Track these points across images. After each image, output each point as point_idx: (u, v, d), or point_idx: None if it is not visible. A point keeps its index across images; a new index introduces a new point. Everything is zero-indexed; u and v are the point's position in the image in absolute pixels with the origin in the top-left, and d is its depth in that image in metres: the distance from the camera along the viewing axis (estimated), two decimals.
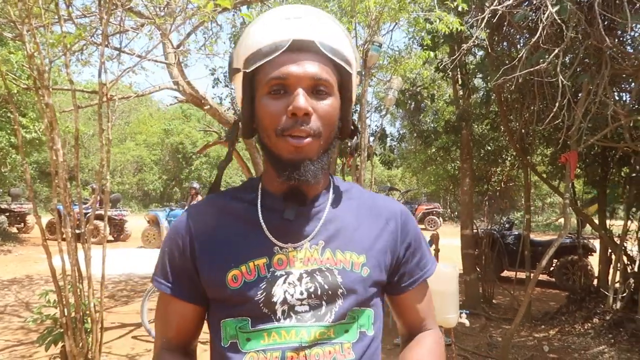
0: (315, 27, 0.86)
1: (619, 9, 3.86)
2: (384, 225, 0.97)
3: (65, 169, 2.88)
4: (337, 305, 0.88)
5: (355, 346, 0.89)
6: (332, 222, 0.93)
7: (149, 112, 32.88)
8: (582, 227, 7.40)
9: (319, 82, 0.84)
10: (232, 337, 0.88)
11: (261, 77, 0.86)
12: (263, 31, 0.87)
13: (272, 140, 0.86)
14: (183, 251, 0.92)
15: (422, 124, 9.95)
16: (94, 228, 10.20)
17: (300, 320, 0.86)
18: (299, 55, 0.84)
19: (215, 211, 0.95)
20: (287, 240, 0.90)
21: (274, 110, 0.84)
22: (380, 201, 1.02)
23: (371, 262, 0.93)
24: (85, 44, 3.72)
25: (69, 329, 2.96)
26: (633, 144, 4.73)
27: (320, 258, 0.90)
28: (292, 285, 0.87)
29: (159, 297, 0.97)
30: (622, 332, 4.88)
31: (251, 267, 0.88)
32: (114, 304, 6.41)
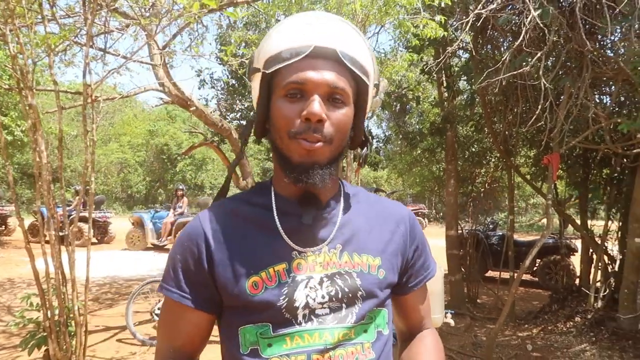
0: (337, 35, 0.87)
1: (600, 14, 3.94)
2: (394, 228, 1.00)
3: (49, 170, 2.85)
4: (357, 307, 0.90)
5: (374, 345, 0.92)
6: (346, 225, 0.95)
7: (134, 113, 32.57)
8: (564, 227, 7.53)
9: (335, 91, 0.85)
10: (253, 343, 0.87)
11: (279, 80, 0.87)
12: (286, 35, 0.88)
13: (284, 141, 0.87)
14: (199, 259, 0.89)
15: (408, 126, 10.02)
16: (77, 230, 10.02)
17: (322, 322, 0.88)
18: (319, 62, 0.85)
19: (229, 217, 0.93)
20: (305, 245, 0.91)
21: (288, 113, 0.85)
22: (388, 205, 1.05)
23: (386, 264, 0.95)
24: (69, 45, 3.68)
25: (52, 333, 2.92)
26: (613, 145, 4.83)
27: (339, 262, 0.91)
28: (314, 289, 0.88)
29: (168, 305, 0.93)
30: (603, 330, 4.97)
31: (271, 273, 0.88)
32: (98, 307, 6.33)
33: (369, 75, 0.91)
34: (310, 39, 0.85)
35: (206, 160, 27.91)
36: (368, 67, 0.91)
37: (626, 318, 4.77)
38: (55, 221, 2.87)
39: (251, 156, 24.71)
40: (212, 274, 0.89)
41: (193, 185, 27.30)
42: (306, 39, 0.85)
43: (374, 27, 4.96)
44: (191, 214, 12.34)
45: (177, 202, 12.28)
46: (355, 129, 0.94)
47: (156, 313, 4.83)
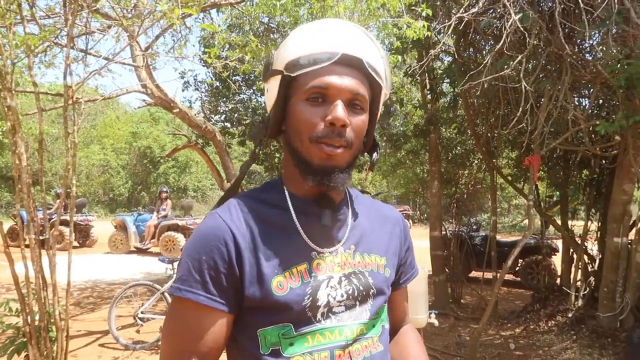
0: (362, 44, 0.90)
1: (578, 19, 4.02)
2: (391, 229, 1.07)
3: (29, 173, 2.80)
4: (369, 304, 0.95)
5: (380, 338, 0.98)
6: (356, 226, 0.99)
7: (116, 115, 32.14)
8: (545, 227, 7.64)
9: (356, 97, 0.88)
10: (274, 344, 0.87)
11: (301, 83, 0.88)
12: (310, 40, 0.89)
13: (304, 145, 0.88)
14: (229, 258, 0.86)
15: (392, 128, 10.07)
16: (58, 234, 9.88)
17: (340, 320, 0.91)
18: (341, 68, 0.87)
19: (250, 216, 0.91)
20: (323, 245, 0.93)
21: (310, 117, 0.87)
22: (382, 207, 1.11)
23: (389, 264, 1.02)
24: (49, 46, 3.63)
25: (32, 338, 2.87)
26: (592, 147, 4.93)
27: (353, 261, 0.95)
28: (334, 288, 0.91)
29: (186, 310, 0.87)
30: (584, 328, 5.05)
31: (294, 273, 0.89)
32: (80, 312, 6.24)
33: (386, 84, 0.95)
34: (337, 46, 0.87)
35: (190, 163, 27.70)
36: (385, 76, 0.95)
37: (605, 316, 4.87)
38: (35, 225, 2.82)
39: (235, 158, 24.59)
40: (241, 274, 0.87)
41: (176, 188, 27.05)
42: (333, 45, 0.87)
43: None
44: (175, 217, 12.23)
45: (161, 204, 12.16)
46: (368, 134, 0.97)
47: (140, 317, 4.78)
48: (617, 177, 4.86)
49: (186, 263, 0.87)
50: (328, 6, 3.88)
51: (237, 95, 7.91)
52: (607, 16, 3.68)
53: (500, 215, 21.70)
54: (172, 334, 0.89)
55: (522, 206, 22.20)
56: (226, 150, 5.68)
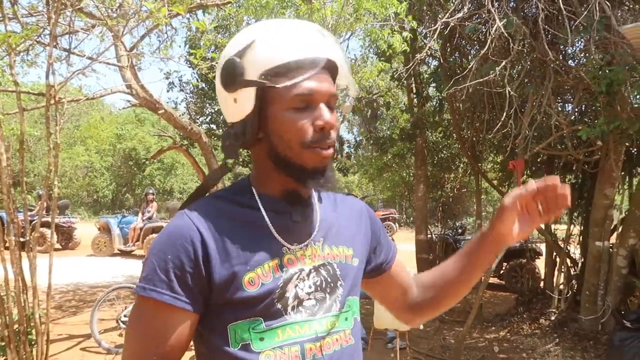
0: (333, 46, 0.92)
1: (561, 25, 4.08)
2: (358, 219, 1.08)
3: (9, 174, 2.75)
4: (337, 295, 0.96)
5: (353, 331, 0.98)
6: (324, 220, 1.01)
7: (101, 116, 31.78)
8: None
9: (332, 98, 0.91)
10: (244, 339, 0.88)
11: (282, 92, 0.86)
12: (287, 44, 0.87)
13: (294, 151, 0.88)
14: (195, 258, 0.86)
15: (378, 131, 10.11)
16: (40, 236, 9.66)
17: (310, 313, 0.92)
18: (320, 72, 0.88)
19: (219, 215, 0.92)
20: (293, 241, 0.94)
21: (300, 124, 0.87)
22: (347, 199, 1.12)
23: (357, 254, 1.03)
24: (31, 44, 3.57)
25: (11, 342, 2.82)
26: (575, 152, 5.00)
27: (322, 254, 0.97)
28: (302, 280, 0.93)
29: (150, 309, 0.86)
30: (566, 331, 5.11)
31: (266, 269, 0.90)
32: (62, 315, 6.14)
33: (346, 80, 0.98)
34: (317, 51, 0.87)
35: (175, 165, 27.45)
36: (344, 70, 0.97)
37: (587, 319, 4.93)
38: (15, 226, 2.77)
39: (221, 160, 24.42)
40: (208, 273, 0.86)
41: (162, 190, 26.79)
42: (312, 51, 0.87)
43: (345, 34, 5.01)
44: (160, 219, 12.11)
45: (147, 206, 12.03)
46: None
47: (122, 320, 4.71)
48: (598, 182, 4.94)
49: (152, 262, 0.87)
50: (315, 9, 3.88)
51: None
52: (589, 23, 3.74)
53: (486, 218, 21.83)
54: (135, 333, 0.89)
55: None
56: (212, 152, 5.65)
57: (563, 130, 4.66)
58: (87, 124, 30.00)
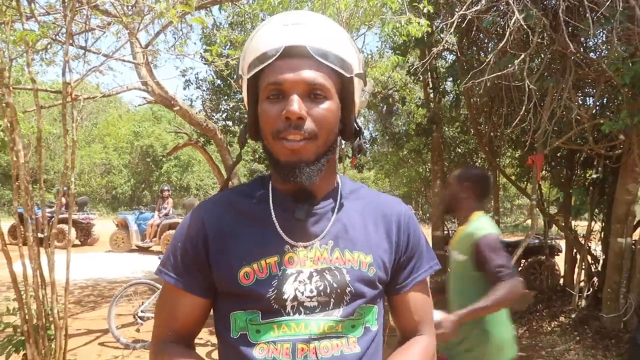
0: (309, 32, 0.89)
1: (582, 17, 3.98)
2: (388, 225, 1.00)
3: (28, 171, 2.78)
4: (345, 303, 0.92)
5: (360, 340, 0.94)
6: (340, 222, 0.97)
7: (119, 114, 32.17)
8: (548, 227, 7.59)
9: (314, 87, 0.87)
10: (242, 329, 0.91)
11: (261, 83, 0.90)
12: (262, 38, 0.91)
13: (270, 142, 0.90)
14: (196, 246, 0.93)
15: (394, 127, 10.04)
16: (59, 232, 9.78)
17: (309, 315, 0.91)
18: (295, 60, 0.87)
19: (228, 208, 0.97)
20: (298, 239, 0.93)
21: (270, 114, 0.88)
22: (385, 202, 1.04)
23: (377, 262, 0.96)
24: (49, 43, 3.61)
25: (30, 337, 2.85)
26: (596, 146, 4.89)
27: (330, 257, 0.94)
28: (303, 283, 0.91)
29: (165, 290, 0.98)
30: (587, 329, 5.01)
31: (263, 265, 0.91)
32: (80, 310, 6.22)
33: (348, 67, 0.92)
34: (282, 40, 0.87)
35: (192, 162, 27.69)
36: (347, 59, 0.92)
37: (609, 317, 4.83)
38: (33, 222, 2.80)
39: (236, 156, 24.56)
40: (208, 261, 0.93)
41: (179, 186, 27.05)
42: (279, 40, 0.88)
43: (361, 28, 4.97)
44: (176, 215, 12.22)
45: (163, 203, 12.14)
46: (345, 120, 0.95)
47: (139, 315, 4.75)
48: (621, 177, 4.82)
49: (169, 248, 0.97)
50: (330, 3, 3.85)
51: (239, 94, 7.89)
52: (611, 14, 3.64)
53: (503, 215, 21.63)
54: (157, 309, 1.01)
55: (524, 206, 22.12)
56: (227, 149, 5.66)
57: (584, 124, 4.56)
58: (104, 122, 30.41)
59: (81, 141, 25.59)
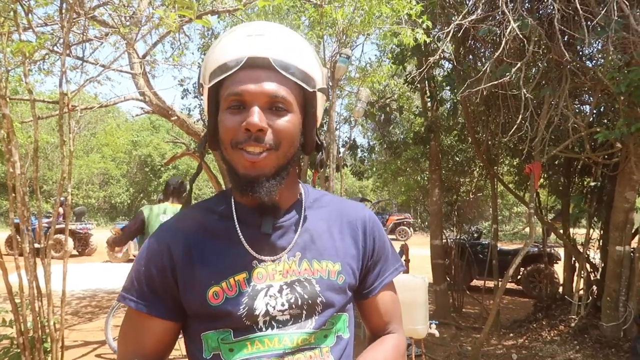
0: (273, 44, 0.88)
1: (578, 25, 4.00)
2: (354, 232, 1.01)
3: (25, 181, 2.77)
4: (317, 314, 0.92)
5: (333, 349, 0.94)
6: (306, 232, 0.96)
7: (117, 124, 32.19)
8: (547, 235, 7.58)
9: (276, 100, 0.86)
10: (214, 348, 0.89)
11: (222, 93, 0.89)
12: (225, 48, 0.89)
13: (228, 152, 0.89)
14: (163, 269, 0.91)
15: (392, 135, 10.06)
16: (56, 242, 9.73)
17: (282, 329, 0.90)
18: (257, 72, 0.86)
19: (192, 226, 0.94)
20: (265, 254, 0.92)
21: (230, 124, 0.87)
22: (349, 208, 1.04)
23: (346, 270, 0.96)
24: (46, 53, 3.61)
25: (26, 349, 2.82)
26: (593, 154, 4.90)
27: (298, 269, 0.93)
28: (274, 297, 0.90)
29: (130, 315, 0.94)
30: (587, 338, 4.99)
31: (232, 283, 0.89)
32: (77, 321, 6.18)
33: (311, 81, 0.91)
34: (245, 51, 0.87)
35: (190, 171, 27.67)
36: (311, 73, 0.91)
37: (609, 326, 4.81)
38: (29, 233, 2.79)
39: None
40: (176, 284, 0.90)
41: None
42: (241, 50, 0.87)
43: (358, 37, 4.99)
44: None
45: None
46: (306, 134, 0.94)
47: None
48: (618, 185, 4.83)
49: (131, 273, 0.94)
50: (327, 14, 3.87)
51: None
52: (607, 23, 3.66)
53: (502, 223, 21.62)
54: (121, 337, 0.97)
55: (523, 214, 22.12)
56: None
57: (581, 133, 4.57)
58: (103, 132, 30.42)
59: (79, 151, 25.59)
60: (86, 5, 2.97)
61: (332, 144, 4.15)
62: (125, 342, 0.95)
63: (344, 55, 3.83)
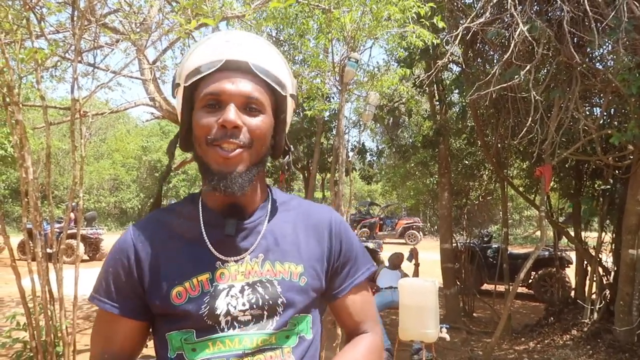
0: (250, 50, 0.94)
1: (588, 27, 3.98)
2: (320, 234, 1.03)
3: (37, 187, 2.80)
4: (278, 314, 0.94)
5: (294, 350, 0.95)
6: (270, 234, 0.99)
7: (127, 129, 32.48)
8: (558, 239, 7.51)
9: (250, 101, 0.91)
10: (178, 348, 0.91)
11: (198, 92, 0.92)
12: (203, 52, 0.94)
13: (202, 148, 0.92)
14: (129, 270, 0.94)
15: (401, 139, 10.04)
16: (68, 247, 9.80)
17: (243, 329, 0.92)
18: (234, 74, 0.91)
19: (159, 228, 0.97)
20: (228, 255, 0.95)
21: (206, 122, 0.90)
22: (316, 211, 1.07)
23: (309, 272, 0.98)
24: (58, 60, 3.66)
25: (39, 353, 2.85)
26: (605, 157, 4.85)
27: (260, 270, 0.95)
28: (235, 297, 0.92)
29: (100, 317, 0.97)
30: (600, 343, 4.93)
31: (195, 283, 0.92)
32: (89, 326, 6.22)
33: (284, 87, 0.97)
34: (224, 54, 0.91)
35: (199, 176, 27.83)
36: (283, 79, 0.97)
37: (622, 330, 4.74)
38: (41, 238, 2.82)
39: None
40: (141, 284, 0.93)
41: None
42: (220, 53, 0.91)
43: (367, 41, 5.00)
44: None
45: None
46: (276, 137, 0.99)
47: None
48: (631, 187, 4.77)
49: (100, 274, 0.96)
50: (334, 18, 3.88)
51: None
52: (617, 25, 3.64)
53: (512, 226, 21.45)
54: (92, 337, 0.99)
55: (533, 217, 21.94)
56: None
57: (592, 135, 4.53)
58: (113, 137, 30.69)
59: (90, 157, 25.83)
60: (97, 12, 3.01)
61: (341, 148, 4.16)
62: (96, 342, 0.98)
63: (353, 59, 3.84)
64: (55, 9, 2.98)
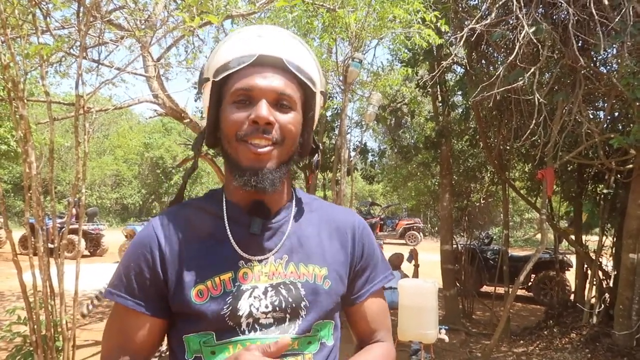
0: (283, 45, 0.91)
1: (593, 31, 3.97)
2: (343, 237, 1.01)
3: (40, 182, 2.81)
4: (300, 318, 0.91)
5: (315, 356, 0.92)
6: (295, 235, 0.96)
7: (129, 125, 32.49)
8: (559, 242, 7.51)
9: (282, 97, 0.89)
10: (196, 351, 0.88)
11: (228, 87, 0.90)
12: (234, 46, 0.92)
13: (232, 145, 0.89)
14: (153, 265, 0.90)
15: (403, 140, 10.04)
16: (69, 242, 9.82)
17: (265, 332, 0.89)
18: (266, 69, 0.88)
19: (182, 224, 0.94)
20: (252, 254, 0.92)
21: (236, 117, 0.88)
22: (339, 213, 1.05)
23: (332, 275, 0.96)
24: (63, 56, 3.66)
25: (38, 347, 2.86)
26: (607, 161, 4.84)
27: (285, 272, 0.92)
28: (258, 299, 0.89)
29: (117, 312, 0.93)
30: (599, 346, 4.92)
31: (217, 282, 0.89)
32: (88, 321, 6.23)
33: (315, 83, 0.95)
34: (256, 49, 0.89)
35: (201, 173, 27.84)
36: (314, 76, 0.95)
37: (621, 334, 4.74)
38: (43, 233, 2.82)
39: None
40: (165, 281, 0.90)
41: (188, 197, 27.09)
42: (252, 48, 0.89)
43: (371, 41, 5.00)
44: None
45: None
46: (304, 135, 0.96)
47: None
48: (632, 192, 4.76)
49: (119, 269, 0.93)
50: (339, 17, 3.88)
51: None
52: (622, 28, 3.63)
53: (513, 229, 21.44)
54: (107, 332, 0.95)
55: (534, 220, 21.93)
56: None
57: (594, 139, 4.52)
58: (115, 134, 30.71)
59: (92, 153, 25.88)
60: (102, 9, 3.01)
61: (343, 148, 4.16)
62: (111, 338, 0.94)
63: (357, 59, 3.84)
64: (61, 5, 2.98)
